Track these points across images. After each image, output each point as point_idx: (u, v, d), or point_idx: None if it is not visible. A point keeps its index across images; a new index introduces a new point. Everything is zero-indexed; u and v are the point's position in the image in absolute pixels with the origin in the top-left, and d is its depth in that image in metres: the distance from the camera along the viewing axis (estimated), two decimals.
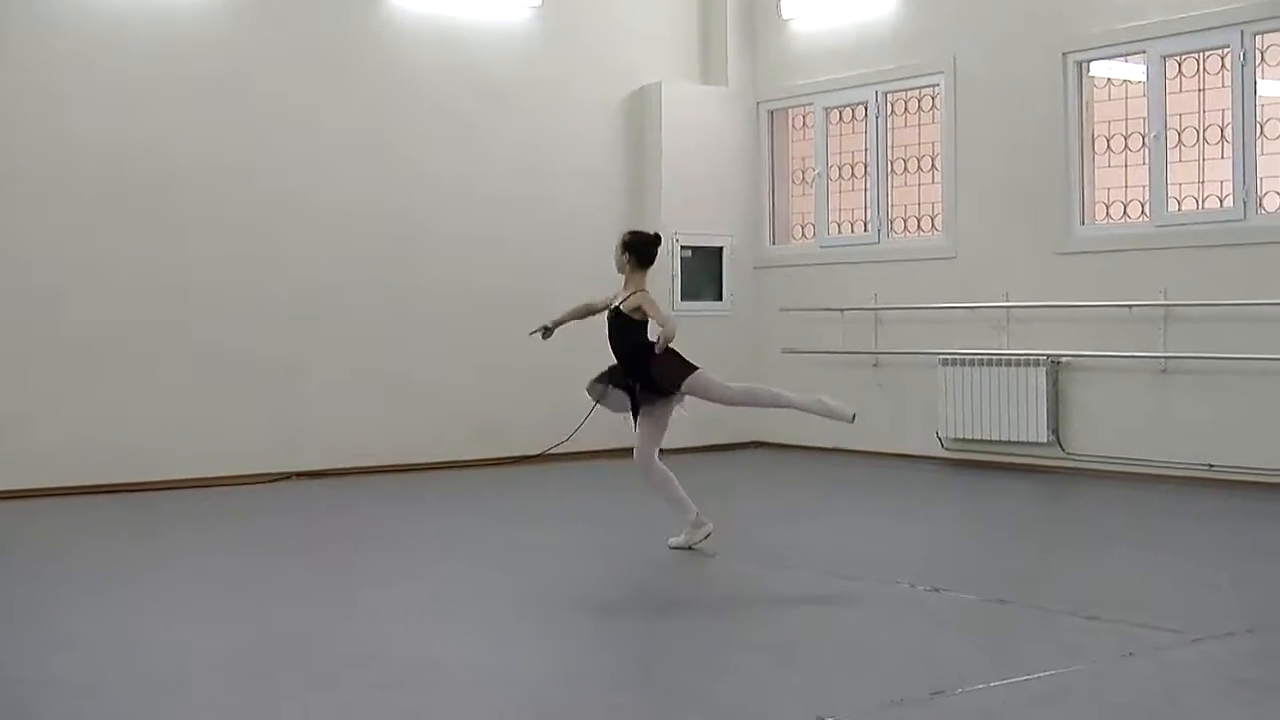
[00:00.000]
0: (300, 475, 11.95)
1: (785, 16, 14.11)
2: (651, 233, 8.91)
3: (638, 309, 8.58)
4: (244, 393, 11.88)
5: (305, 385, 12.18)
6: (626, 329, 8.63)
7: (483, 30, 13.09)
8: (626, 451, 13.40)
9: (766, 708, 5.36)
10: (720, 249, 14.11)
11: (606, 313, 8.75)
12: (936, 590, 7.24)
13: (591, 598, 7.52)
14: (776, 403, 8.90)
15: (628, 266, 8.70)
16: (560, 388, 13.24)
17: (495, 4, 13.14)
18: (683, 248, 13.83)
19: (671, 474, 8.76)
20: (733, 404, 9.17)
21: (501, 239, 13.10)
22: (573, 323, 9.11)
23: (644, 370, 8.60)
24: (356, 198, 12.41)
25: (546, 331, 9.19)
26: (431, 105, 12.80)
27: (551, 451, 13.08)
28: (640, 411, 8.78)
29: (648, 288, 8.71)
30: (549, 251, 13.34)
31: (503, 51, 13.19)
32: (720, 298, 14.09)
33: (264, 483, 11.72)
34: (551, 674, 5.93)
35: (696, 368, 8.70)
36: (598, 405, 9.01)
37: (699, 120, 14.04)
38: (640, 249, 8.74)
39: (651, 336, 8.54)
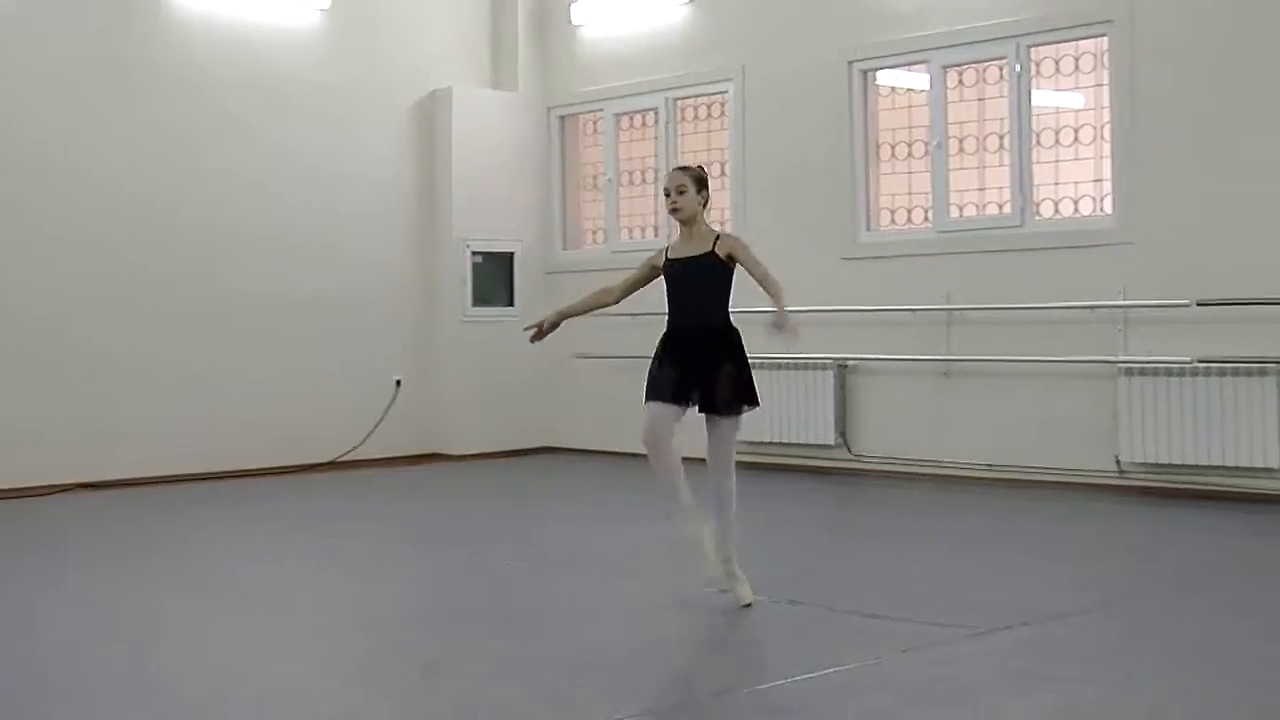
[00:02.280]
0: (98, 485, 11.56)
1: (575, 23, 14.12)
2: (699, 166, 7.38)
3: (732, 255, 6.88)
4: (43, 397, 11.49)
5: (105, 390, 11.81)
6: (720, 281, 6.93)
7: (270, 33, 12.85)
8: (430, 457, 13.45)
9: (559, 712, 5.33)
10: (511, 254, 14.06)
11: (671, 270, 7.02)
12: (724, 591, 7.27)
13: (380, 606, 7.42)
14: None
15: (700, 208, 6.93)
16: (357, 393, 13.16)
17: (282, 6, 12.92)
18: (473, 253, 13.75)
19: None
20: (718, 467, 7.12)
21: (294, 242, 12.88)
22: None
23: (725, 360, 6.92)
24: (146, 202, 12.08)
25: (540, 332, 7.72)
26: (220, 108, 12.52)
27: (347, 458, 12.94)
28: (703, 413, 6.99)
29: None
30: (342, 255, 13.17)
31: (291, 55, 12.97)
32: (511, 303, 14.03)
33: (59, 493, 11.30)
34: (336, 683, 5.84)
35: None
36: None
37: (489, 125, 13.98)
38: (707, 184, 7.06)
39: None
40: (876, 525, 9.97)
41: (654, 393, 6.94)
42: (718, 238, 6.97)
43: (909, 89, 12.08)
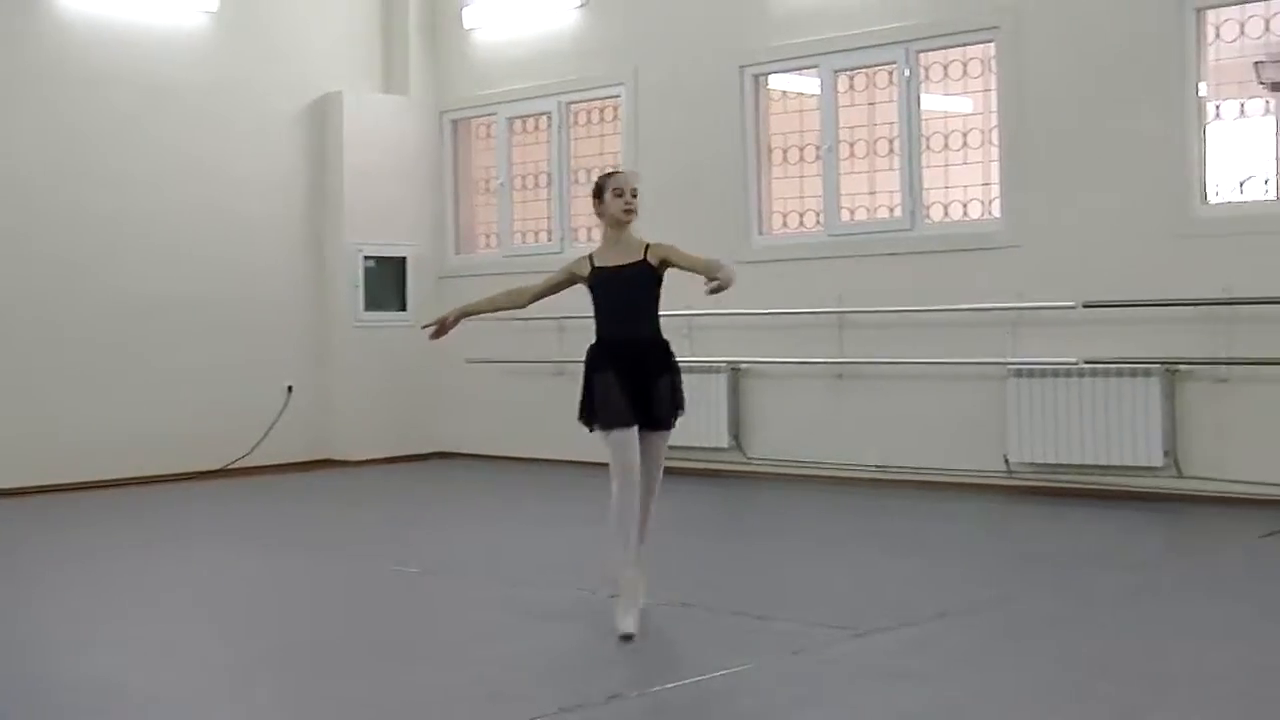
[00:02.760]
0: None
1: (468, 26, 14.06)
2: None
3: (665, 261, 6.71)
4: None
5: None
6: (652, 295, 6.80)
7: (158, 34, 12.68)
8: (322, 463, 13.32)
9: (446, 716, 5.30)
10: (404, 259, 13.96)
11: (601, 279, 6.81)
12: (615, 596, 7.25)
13: (267, 612, 7.33)
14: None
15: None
16: (248, 399, 13.01)
17: (170, 8, 12.74)
18: (365, 258, 13.65)
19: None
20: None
21: (184, 246, 12.72)
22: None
23: (665, 370, 6.83)
24: (32, 202, 11.89)
25: (441, 328, 7.47)
26: (111, 110, 12.36)
27: (238, 465, 12.80)
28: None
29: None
30: (232, 259, 13.03)
31: (180, 57, 12.80)
32: (404, 308, 13.95)
33: None
34: (220, 691, 5.76)
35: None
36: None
37: (381, 129, 13.89)
38: None
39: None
40: (768, 528, 10.01)
41: (614, 418, 6.60)
42: (648, 246, 6.79)
43: (800, 93, 12.14)
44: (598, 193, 6.86)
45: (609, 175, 6.93)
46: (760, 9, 12.00)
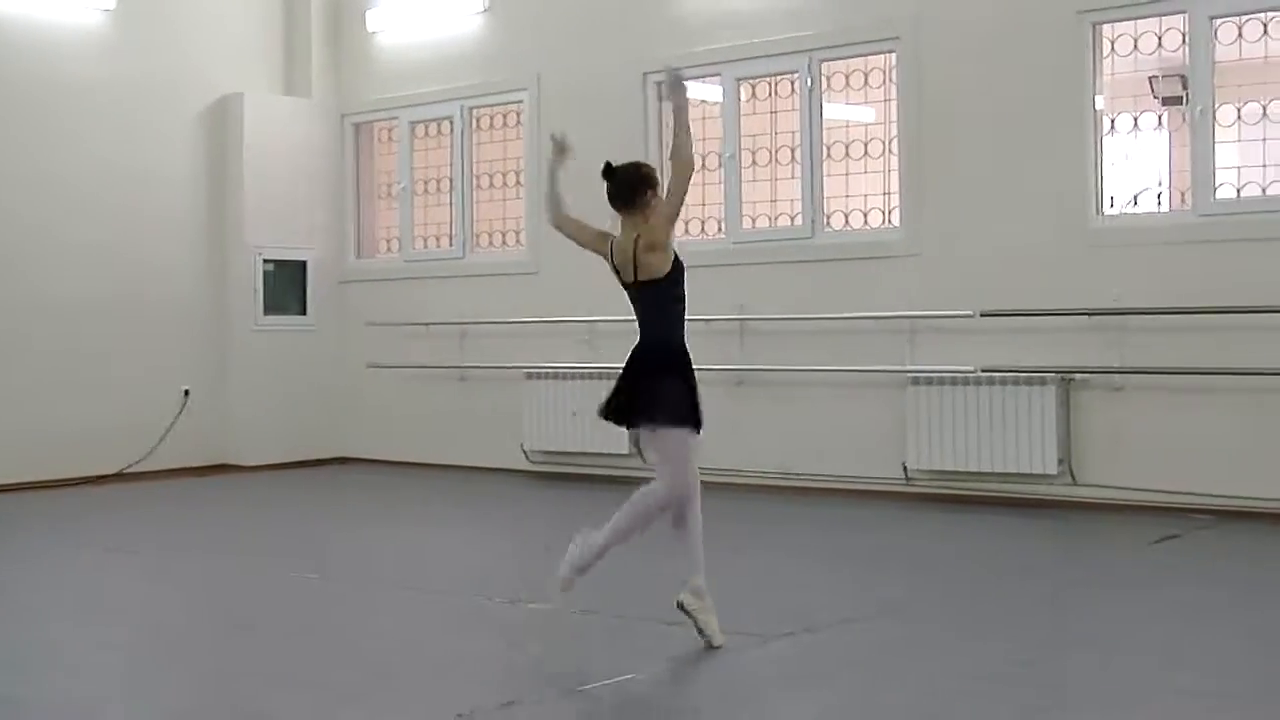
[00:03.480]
0: None
1: (371, 29, 13.97)
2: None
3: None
4: None
5: None
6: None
7: (55, 32, 12.48)
8: (219, 468, 13.16)
9: None
10: (304, 262, 13.85)
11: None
12: (514, 602, 7.26)
13: (163, 619, 7.24)
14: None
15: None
16: (144, 402, 12.84)
17: (64, 5, 12.55)
18: (265, 261, 13.52)
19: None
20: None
21: (80, 247, 12.51)
22: None
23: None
24: None
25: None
26: (5, 108, 12.14)
27: (134, 470, 12.64)
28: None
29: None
30: (129, 261, 12.85)
31: (75, 54, 12.60)
32: (304, 312, 13.83)
33: None
34: (116, 697, 5.69)
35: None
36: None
37: (282, 132, 13.75)
38: None
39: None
40: (671, 534, 9.99)
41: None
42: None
43: (703, 101, 12.18)
44: (654, 184, 6.78)
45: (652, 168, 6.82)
46: (664, 17, 12.04)
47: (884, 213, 11.15)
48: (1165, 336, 9.72)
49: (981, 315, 10.27)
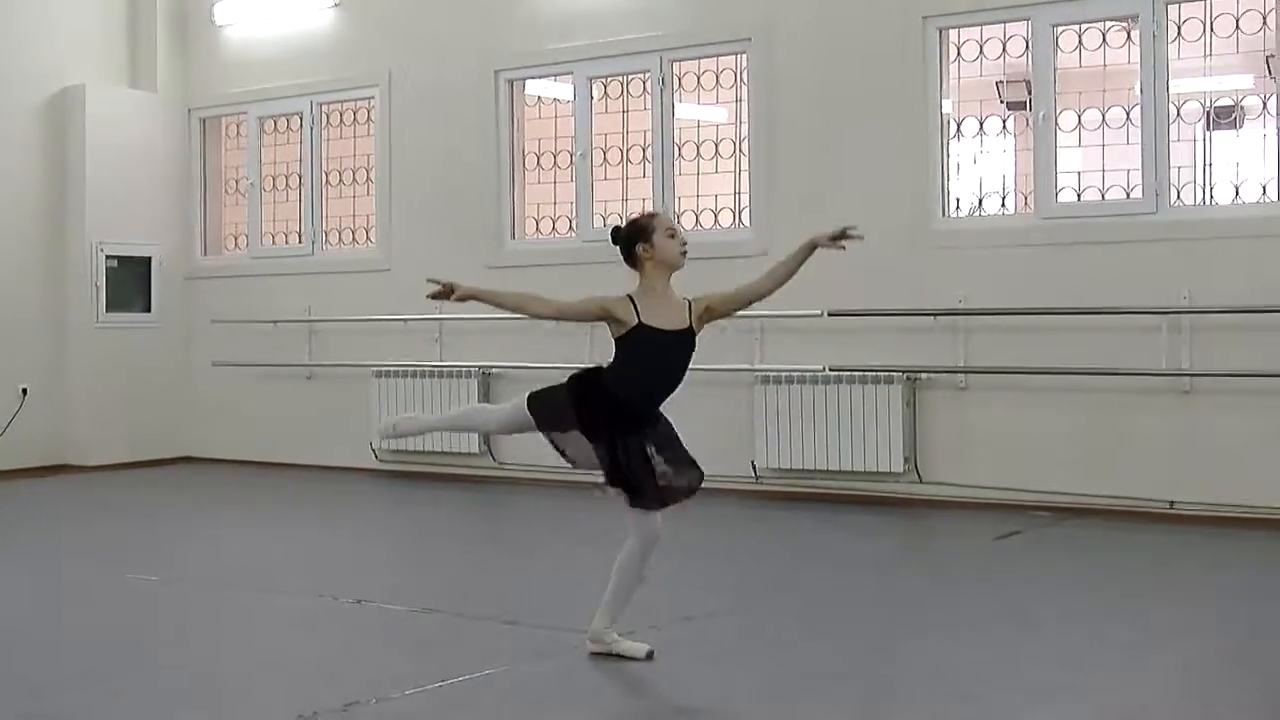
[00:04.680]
0: None
1: (219, 23, 13.75)
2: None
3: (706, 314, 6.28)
4: None
5: None
6: (688, 353, 6.30)
7: None
8: (59, 468, 12.84)
9: None
10: (149, 259, 13.58)
11: (654, 338, 6.15)
12: (360, 602, 7.18)
13: None
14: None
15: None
16: None
17: None
18: (108, 257, 13.23)
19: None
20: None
21: None
22: None
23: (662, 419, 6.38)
24: None
25: (445, 291, 6.48)
26: None
27: None
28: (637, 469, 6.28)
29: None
30: None
31: None
32: (149, 309, 13.57)
33: None
34: None
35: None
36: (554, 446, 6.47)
37: (126, 125, 13.47)
38: None
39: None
40: (518, 534, 9.99)
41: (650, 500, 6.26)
42: (690, 303, 6.22)
43: (555, 99, 12.16)
44: (643, 236, 6.22)
45: (651, 217, 6.32)
46: (516, 15, 12.00)
47: (734, 212, 11.20)
48: (1008, 336, 9.89)
49: (829, 315, 10.36)
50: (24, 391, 12.84)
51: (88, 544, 9.43)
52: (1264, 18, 9.36)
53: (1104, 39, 9.79)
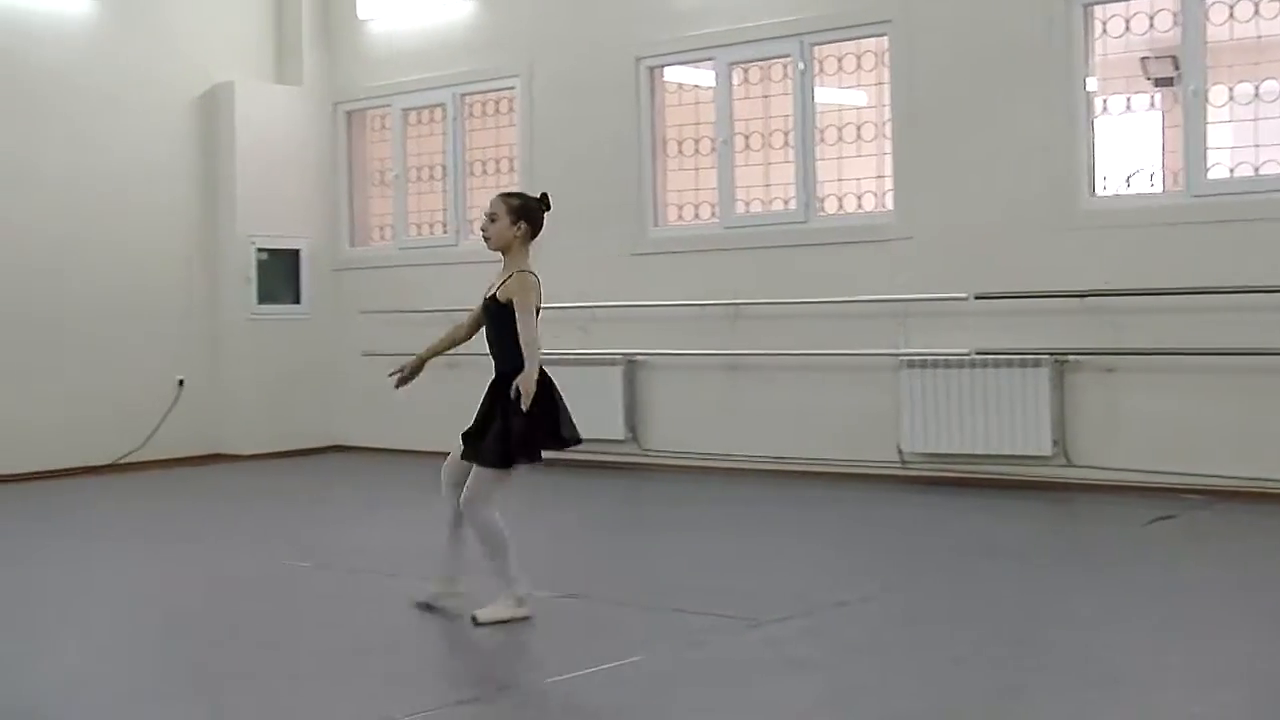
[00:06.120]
0: None
1: (362, 17, 13.95)
2: (539, 194, 6.84)
3: (511, 299, 6.54)
4: None
5: None
6: (504, 324, 6.58)
7: (44, 21, 12.44)
8: (214, 458, 13.15)
9: (334, 711, 5.27)
10: (298, 251, 13.83)
11: (482, 305, 6.73)
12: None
13: (155, 607, 7.25)
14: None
15: (516, 239, 6.61)
16: (138, 393, 12.84)
17: None
18: (259, 250, 13.51)
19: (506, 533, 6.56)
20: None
21: (72, 237, 12.45)
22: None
23: (495, 402, 6.65)
24: None
25: (406, 376, 7.36)
26: None
27: (128, 460, 12.63)
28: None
29: (532, 268, 6.65)
30: (122, 251, 12.81)
31: (64, 44, 12.56)
32: (298, 300, 13.82)
33: None
34: (103, 685, 5.70)
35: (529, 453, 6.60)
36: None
37: (274, 120, 13.73)
38: (534, 214, 6.68)
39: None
40: (665, 519, 10.04)
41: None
42: (508, 277, 6.58)
43: (696, 86, 12.18)
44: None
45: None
46: (656, 2, 12.02)
47: (877, 196, 11.15)
48: (1158, 317, 9.72)
49: (975, 298, 10.28)
50: (180, 383, 13.15)
51: (245, 531, 9.65)
52: None
53: (1256, 9, 9.57)
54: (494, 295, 6.60)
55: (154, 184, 13.14)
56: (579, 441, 6.74)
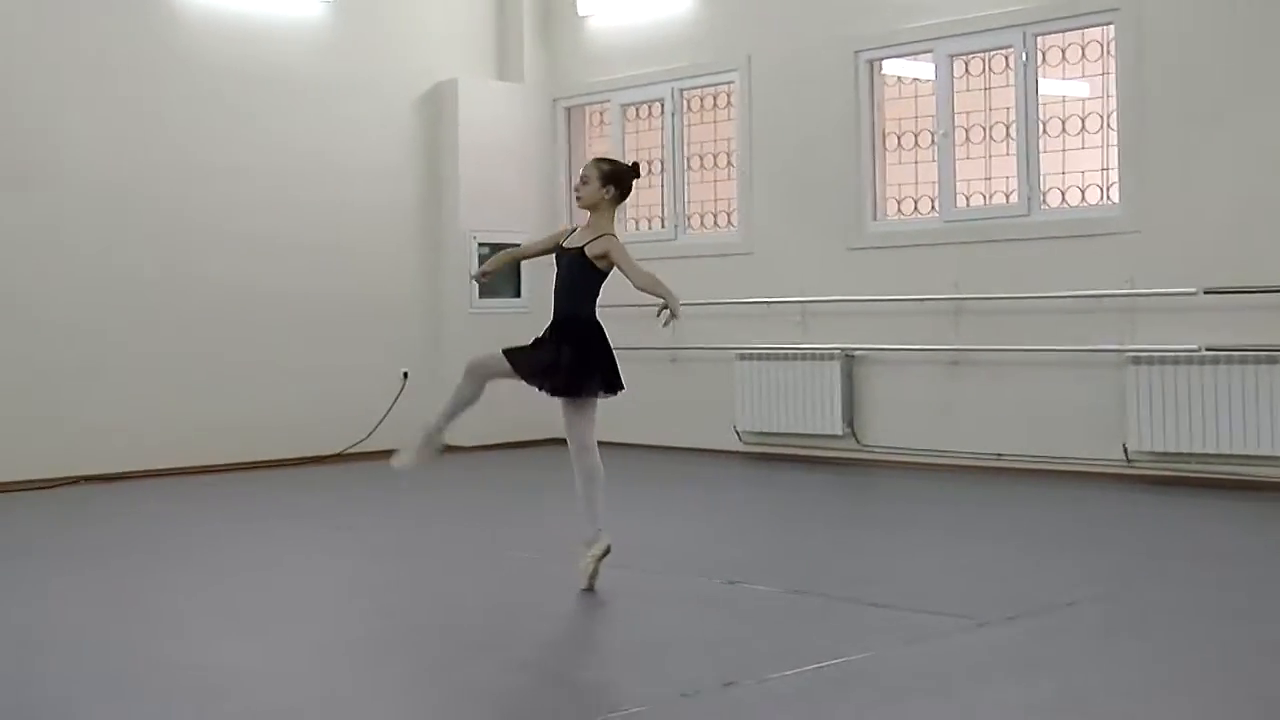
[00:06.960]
0: (89, 479, 11.58)
1: (582, 13, 14.11)
2: (631, 163, 7.43)
3: (604, 256, 7.08)
4: (23, 395, 11.45)
5: (112, 385, 11.84)
6: (584, 276, 7.19)
7: (274, 25, 12.83)
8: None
9: (558, 702, 5.34)
10: (518, 245, 13.97)
11: (557, 254, 7.30)
12: (732, 583, 7.29)
13: (383, 599, 7.43)
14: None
15: (605, 200, 7.12)
16: (365, 385, 13.17)
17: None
18: (480, 245, 13.73)
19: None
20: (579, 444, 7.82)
21: (300, 237, 12.85)
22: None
23: (582, 346, 7.35)
24: (148, 198, 12.06)
25: (485, 273, 8.12)
26: (224, 103, 12.50)
27: (355, 450, 12.95)
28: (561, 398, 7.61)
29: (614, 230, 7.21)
30: (348, 249, 13.17)
31: (294, 48, 12.94)
32: (519, 294, 14.02)
33: (46, 488, 11.32)
34: (342, 668, 5.85)
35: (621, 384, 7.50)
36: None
37: (496, 117, 13.96)
38: (623, 180, 7.18)
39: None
40: (882, 516, 9.97)
41: (515, 355, 7.54)
42: (598, 237, 7.09)
43: (915, 78, 12.06)
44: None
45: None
46: None
47: (1102, 189, 10.92)
48: None
49: (1205, 293, 10.01)
50: (405, 375, 13.45)
51: (467, 520, 9.84)
52: None
53: None
54: (581, 249, 7.13)
55: (380, 182, 13.47)
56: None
